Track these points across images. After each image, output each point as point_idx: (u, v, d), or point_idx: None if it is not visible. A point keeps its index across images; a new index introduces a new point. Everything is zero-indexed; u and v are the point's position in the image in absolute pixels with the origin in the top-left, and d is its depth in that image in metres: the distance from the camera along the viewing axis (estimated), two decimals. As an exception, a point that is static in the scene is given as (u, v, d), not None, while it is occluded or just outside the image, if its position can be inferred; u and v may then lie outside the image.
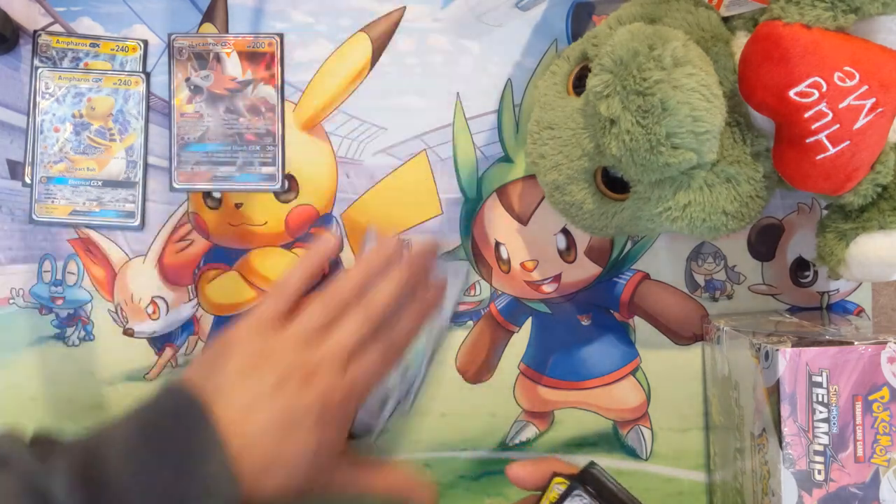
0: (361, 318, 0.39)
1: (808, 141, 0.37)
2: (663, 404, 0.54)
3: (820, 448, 0.41)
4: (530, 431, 0.54)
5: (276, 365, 0.37)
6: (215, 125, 0.53)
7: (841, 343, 0.42)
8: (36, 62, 0.53)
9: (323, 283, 0.41)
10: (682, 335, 0.55)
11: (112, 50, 0.53)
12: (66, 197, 0.53)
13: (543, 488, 0.37)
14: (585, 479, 0.37)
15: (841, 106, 0.36)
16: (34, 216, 0.53)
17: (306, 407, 0.36)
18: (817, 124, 0.37)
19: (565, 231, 0.54)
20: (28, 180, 0.53)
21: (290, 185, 0.54)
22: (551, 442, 0.54)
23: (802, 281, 0.55)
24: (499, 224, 0.54)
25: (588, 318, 0.55)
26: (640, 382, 0.55)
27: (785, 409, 0.41)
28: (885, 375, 0.41)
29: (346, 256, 0.54)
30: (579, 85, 0.45)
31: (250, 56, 0.53)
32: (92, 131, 0.53)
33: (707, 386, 0.54)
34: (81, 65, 0.53)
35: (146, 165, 0.53)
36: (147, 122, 0.53)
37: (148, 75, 0.53)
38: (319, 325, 0.39)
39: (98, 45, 0.53)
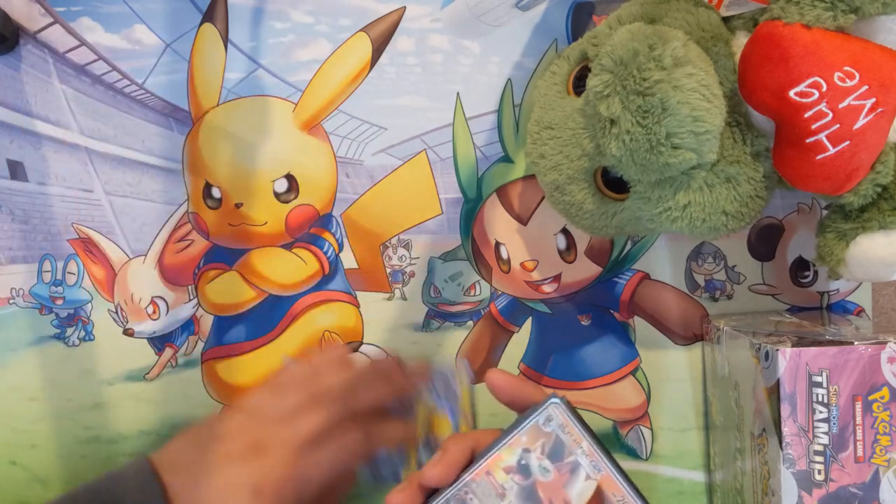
0: (331, 411, 0.42)
1: (808, 141, 0.37)
2: (663, 404, 0.54)
3: (820, 448, 0.41)
4: (530, 431, 0.54)
5: (232, 440, 0.41)
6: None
7: (841, 343, 0.42)
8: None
9: None
10: (682, 335, 0.55)
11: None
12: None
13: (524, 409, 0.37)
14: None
15: (841, 106, 0.36)
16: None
17: (240, 484, 0.39)
18: (817, 124, 0.37)
19: (565, 231, 0.54)
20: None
21: (291, 185, 0.54)
22: (551, 442, 0.54)
23: (802, 281, 0.55)
24: (499, 224, 0.54)
25: (588, 318, 0.55)
26: (640, 382, 0.55)
27: (785, 409, 0.41)
28: (885, 375, 0.41)
29: (346, 257, 0.54)
30: (579, 85, 0.45)
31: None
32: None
33: (707, 386, 0.54)
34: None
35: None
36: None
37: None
38: (289, 410, 0.42)
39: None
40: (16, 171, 0.54)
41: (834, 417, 0.41)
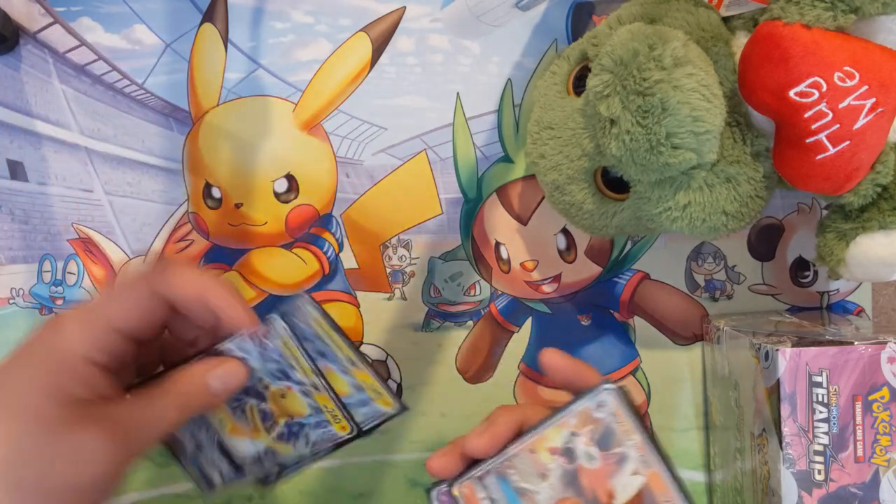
0: None
1: (808, 141, 0.37)
2: (663, 404, 0.54)
3: (820, 448, 0.41)
4: (530, 431, 0.54)
5: None
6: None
7: (841, 343, 0.42)
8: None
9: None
10: (682, 335, 0.55)
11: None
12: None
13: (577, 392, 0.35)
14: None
15: (841, 106, 0.36)
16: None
17: None
18: (817, 124, 0.37)
19: (565, 231, 0.54)
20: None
21: (291, 185, 0.54)
22: (551, 442, 0.54)
23: (802, 281, 0.55)
24: (499, 224, 0.54)
25: (588, 318, 0.55)
26: (640, 382, 0.55)
27: (785, 409, 0.41)
28: (885, 375, 0.41)
29: (346, 257, 0.54)
30: (579, 85, 0.45)
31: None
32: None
33: (707, 386, 0.54)
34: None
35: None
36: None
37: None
38: None
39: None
40: (16, 171, 0.54)
41: (834, 417, 0.41)
